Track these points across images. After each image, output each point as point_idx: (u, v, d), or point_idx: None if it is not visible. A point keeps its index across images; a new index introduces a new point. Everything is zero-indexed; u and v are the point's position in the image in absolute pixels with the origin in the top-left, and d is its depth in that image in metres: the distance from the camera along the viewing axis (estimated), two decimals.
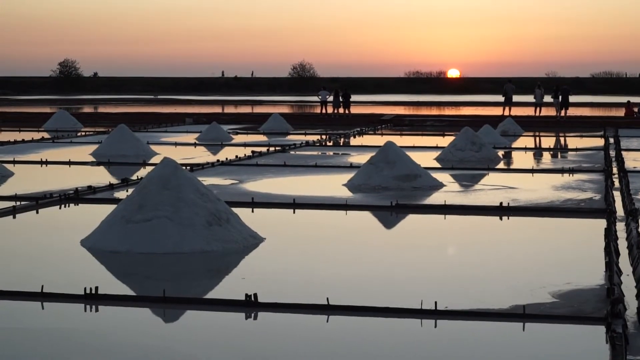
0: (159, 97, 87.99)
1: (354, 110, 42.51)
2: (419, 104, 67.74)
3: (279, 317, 6.78)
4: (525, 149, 23.93)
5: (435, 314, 6.69)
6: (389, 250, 9.64)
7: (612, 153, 21.35)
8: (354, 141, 27.11)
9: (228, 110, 56.37)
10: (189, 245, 9.15)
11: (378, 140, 25.62)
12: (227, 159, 19.17)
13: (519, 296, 7.22)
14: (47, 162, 18.56)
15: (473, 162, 19.16)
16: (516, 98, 39.55)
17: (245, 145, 24.17)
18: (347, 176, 15.54)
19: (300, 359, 5.90)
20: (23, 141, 24.78)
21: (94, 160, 19.55)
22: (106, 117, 42.58)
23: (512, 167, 19.29)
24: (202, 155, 21.30)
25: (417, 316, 6.69)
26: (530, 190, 14.25)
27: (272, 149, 22.34)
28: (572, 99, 39.31)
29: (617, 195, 13.36)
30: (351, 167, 17.63)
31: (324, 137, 28.36)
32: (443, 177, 15.84)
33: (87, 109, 58.05)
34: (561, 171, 17.38)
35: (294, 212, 12.15)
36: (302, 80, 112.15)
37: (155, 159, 18.94)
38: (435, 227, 11.31)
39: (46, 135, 28.14)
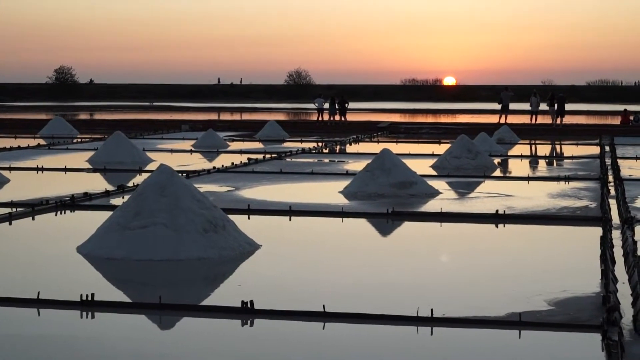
0: (155, 104, 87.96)
1: (350, 117, 42.52)
2: (415, 111, 67.80)
3: (275, 324, 6.78)
4: (521, 156, 23.95)
5: (432, 321, 6.69)
6: (385, 257, 9.64)
7: (608, 161, 21.38)
8: (350, 148, 27.10)
9: (224, 117, 56.34)
10: (185, 252, 9.14)
11: (374, 147, 25.62)
12: (223, 166, 19.17)
13: (515, 303, 7.22)
14: (43, 169, 18.53)
15: (469, 169, 19.17)
16: (512, 106, 39.59)
17: (241, 152, 24.16)
18: (343, 183, 15.54)
19: None
20: (19, 148, 24.73)
21: (90, 167, 19.52)
22: (102, 123, 42.55)
23: (508, 174, 19.31)
24: (198, 162, 21.28)
25: (413, 323, 6.68)
26: (526, 198, 14.26)
27: (268, 156, 22.34)
28: (568, 106, 39.36)
29: (612, 203, 13.38)
30: (347, 174, 17.62)
31: (320, 144, 28.36)
32: (439, 184, 15.85)
33: (83, 116, 58.02)
34: (557, 179, 17.40)
35: (290, 219, 12.15)
36: (298, 88, 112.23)
37: (152, 166, 18.92)
38: (431, 234, 11.31)
39: (42, 141, 28.09)
